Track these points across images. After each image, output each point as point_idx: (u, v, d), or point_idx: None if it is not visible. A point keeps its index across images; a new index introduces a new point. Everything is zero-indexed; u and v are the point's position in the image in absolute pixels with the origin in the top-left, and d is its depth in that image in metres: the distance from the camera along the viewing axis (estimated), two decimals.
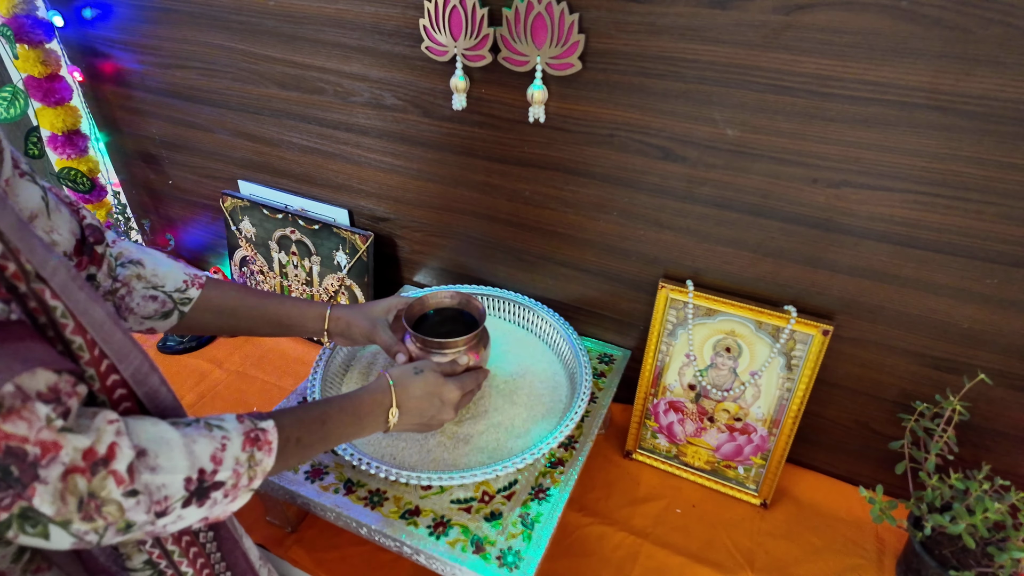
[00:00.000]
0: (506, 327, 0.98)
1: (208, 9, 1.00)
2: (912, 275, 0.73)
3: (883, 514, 0.72)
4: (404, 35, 0.86)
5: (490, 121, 0.88)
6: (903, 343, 0.78)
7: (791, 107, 0.69)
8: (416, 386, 0.68)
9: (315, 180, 1.11)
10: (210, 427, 0.47)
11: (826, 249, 0.76)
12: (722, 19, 0.67)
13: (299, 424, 0.56)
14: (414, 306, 0.81)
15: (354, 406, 0.63)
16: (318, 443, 0.58)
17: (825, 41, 0.64)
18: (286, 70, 1.00)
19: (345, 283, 1.11)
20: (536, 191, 0.91)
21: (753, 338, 0.81)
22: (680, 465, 0.93)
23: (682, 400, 0.89)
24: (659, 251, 0.87)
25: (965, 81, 0.61)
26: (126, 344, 0.44)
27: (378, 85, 0.93)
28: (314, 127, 1.04)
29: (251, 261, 1.20)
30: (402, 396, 0.66)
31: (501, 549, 0.67)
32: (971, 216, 0.67)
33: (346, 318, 0.78)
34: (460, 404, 0.72)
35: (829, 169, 0.71)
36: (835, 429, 0.89)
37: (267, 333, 0.77)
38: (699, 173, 0.78)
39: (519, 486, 0.74)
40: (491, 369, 0.87)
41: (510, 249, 1.00)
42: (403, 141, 0.97)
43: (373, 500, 0.72)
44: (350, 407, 0.63)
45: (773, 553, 0.82)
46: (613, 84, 0.77)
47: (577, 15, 0.73)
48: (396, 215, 1.07)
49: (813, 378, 0.79)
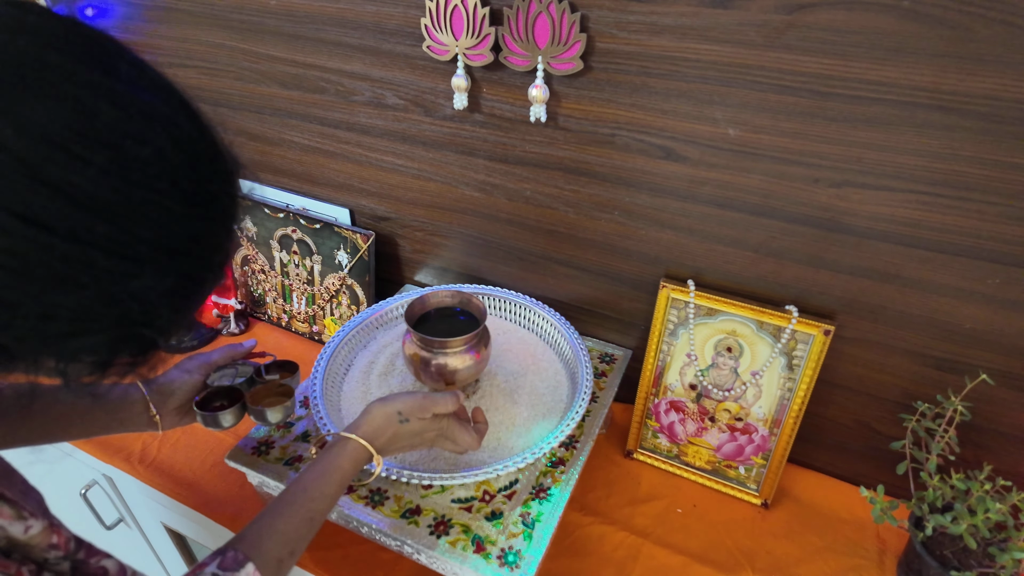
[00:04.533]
0: (507, 326, 0.98)
1: (209, 8, 1.00)
2: (914, 275, 0.73)
3: (884, 514, 0.72)
4: (405, 34, 0.86)
5: (491, 120, 0.88)
6: (905, 343, 0.78)
7: (793, 107, 0.69)
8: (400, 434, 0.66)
9: (316, 179, 1.11)
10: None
11: (828, 249, 0.76)
12: (724, 18, 0.67)
13: (281, 539, 0.54)
14: (414, 305, 0.81)
15: (338, 478, 0.61)
16: (308, 535, 0.57)
17: (827, 40, 0.64)
18: (287, 69, 1.00)
19: (346, 282, 1.11)
20: (537, 190, 0.91)
21: (754, 338, 0.81)
22: (681, 465, 0.93)
23: (683, 400, 0.89)
24: (660, 251, 0.87)
25: (967, 81, 0.61)
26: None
27: (379, 84, 0.93)
28: (315, 126, 1.04)
29: (252, 260, 1.20)
30: (384, 444, 0.65)
31: (502, 548, 0.67)
32: (973, 216, 0.67)
33: (160, 381, 0.71)
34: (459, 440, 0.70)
35: (831, 169, 0.71)
36: (836, 429, 0.89)
37: (79, 430, 0.67)
38: (701, 173, 0.78)
39: (520, 485, 0.74)
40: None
41: (511, 248, 1.00)
42: (404, 140, 0.97)
43: (374, 499, 0.72)
44: (333, 480, 0.60)
45: (774, 553, 0.82)
46: (615, 84, 0.77)
47: (579, 15, 0.73)
48: (397, 214, 1.07)
49: (814, 378, 0.79)
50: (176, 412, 0.72)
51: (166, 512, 0.99)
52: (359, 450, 0.63)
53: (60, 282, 0.33)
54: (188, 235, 0.38)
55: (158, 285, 0.37)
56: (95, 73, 0.34)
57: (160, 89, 0.37)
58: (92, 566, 0.44)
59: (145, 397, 0.70)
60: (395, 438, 0.66)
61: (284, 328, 1.22)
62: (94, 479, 1.05)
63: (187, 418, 0.73)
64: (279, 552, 0.54)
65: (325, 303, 1.15)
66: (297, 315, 1.20)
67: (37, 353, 0.36)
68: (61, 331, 0.35)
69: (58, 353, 0.37)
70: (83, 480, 1.05)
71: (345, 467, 0.62)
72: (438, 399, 0.67)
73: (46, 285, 0.33)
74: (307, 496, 0.58)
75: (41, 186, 0.31)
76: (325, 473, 0.61)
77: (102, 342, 0.37)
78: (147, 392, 0.70)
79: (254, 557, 0.52)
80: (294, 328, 1.21)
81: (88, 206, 0.33)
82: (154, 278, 0.37)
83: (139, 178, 0.34)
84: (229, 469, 0.81)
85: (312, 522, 0.58)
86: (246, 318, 1.24)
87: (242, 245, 1.19)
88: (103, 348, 0.38)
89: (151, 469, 0.92)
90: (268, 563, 0.53)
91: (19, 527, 0.40)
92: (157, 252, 0.36)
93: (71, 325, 0.35)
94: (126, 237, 0.34)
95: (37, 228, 0.32)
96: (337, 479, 0.61)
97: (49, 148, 0.31)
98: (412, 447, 0.68)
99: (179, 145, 0.36)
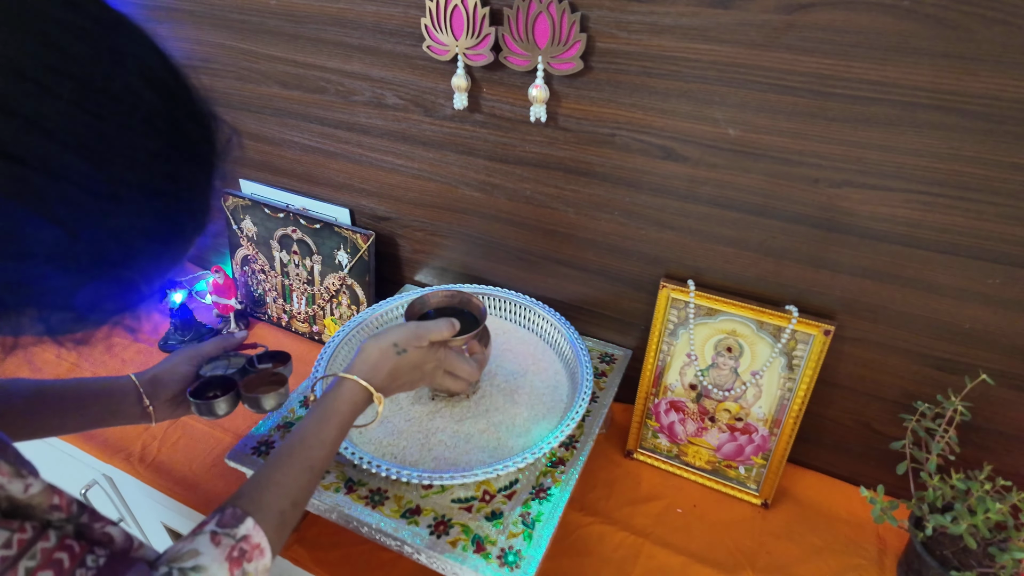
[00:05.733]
0: (507, 326, 0.98)
1: (210, 8, 1.00)
2: (914, 275, 0.73)
3: (884, 514, 0.72)
4: (405, 34, 0.86)
5: (491, 120, 0.88)
6: (905, 343, 0.78)
7: (793, 107, 0.69)
8: (400, 367, 0.64)
9: (317, 179, 1.11)
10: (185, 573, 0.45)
11: (828, 249, 0.76)
12: (724, 18, 0.67)
13: (281, 491, 0.54)
14: (414, 305, 0.81)
15: (336, 422, 0.60)
16: (310, 485, 0.56)
17: (827, 40, 0.64)
18: (287, 69, 1.00)
19: (346, 282, 1.11)
20: (537, 190, 0.91)
21: (754, 338, 0.81)
22: (681, 465, 0.93)
23: (683, 400, 0.89)
24: (660, 251, 0.87)
25: (967, 81, 0.61)
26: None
27: (379, 84, 0.93)
28: (315, 126, 1.04)
29: (252, 260, 1.20)
30: (384, 382, 0.63)
31: (502, 548, 0.67)
32: (973, 216, 0.67)
33: (153, 371, 0.71)
34: (460, 372, 0.68)
35: (831, 169, 0.71)
36: (836, 429, 0.89)
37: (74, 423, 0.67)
38: (701, 173, 0.78)
39: (520, 485, 0.74)
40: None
41: (511, 248, 1.00)
42: (405, 140, 0.97)
43: (374, 499, 0.72)
44: (332, 425, 0.59)
45: (774, 553, 0.82)
46: (615, 83, 0.77)
47: (579, 15, 0.73)
48: (397, 214, 1.07)
49: (814, 378, 0.79)
50: (169, 403, 0.72)
51: (166, 512, 0.99)
52: (357, 391, 0.61)
53: (35, 216, 0.33)
54: (165, 175, 0.38)
55: (136, 224, 0.37)
56: (62, 10, 0.34)
57: (129, 30, 0.38)
58: (97, 531, 0.43)
59: (138, 388, 0.69)
60: (395, 373, 0.64)
61: (284, 328, 1.22)
62: (94, 479, 1.05)
63: (180, 409, 0.73)
64: (280, 504, 0.53)
65: (325, 303, 1.15)
66: (297, 315, 1.20)
67: (15, 297, 0.36)
68: (39, 272, 0.35)
69: (37, 297, 0.36)
70: (83, 480, 1.05)
71: (343, 410, 0.60)
72: (431, 326, 0.66)
73: (21, 219, 0.33)
74: (305, 445, 0.58)
75: (11, 117, 0.31)
76: (323, 419, 0.59)
77: (81, 283, 0.37)
78: (140, 383, 0.69)
79: (253, 511, 0.51)
80: (294, 328, 1.21)
81: (61, 139, 0.33)
82: (131, 217, 0.36)
83: (111, 113, 0.34)
84: (229, 469, 0.81)
85: (312, 471, 0.57)
86: (246, 318, 1.24)
87: (242, 245, 1.19)
88: (83, 292, 0.37)
89: (151, 469, 0.92)
90: (269, 516, 0.52)
91: (19, 485, 0.39)
92: (133, 190, 0.36)
93: (48, 264, 0.35)
94: (101, 173, 0.34)
95: (9, 160, 0.32)
96: (336, 423, 0.59)
97: (18, 80, 0.31)
98: (412, 384, 0.66)
99: (152, 84, 0.37)
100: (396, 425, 0.79)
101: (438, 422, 0.80)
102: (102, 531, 0.44)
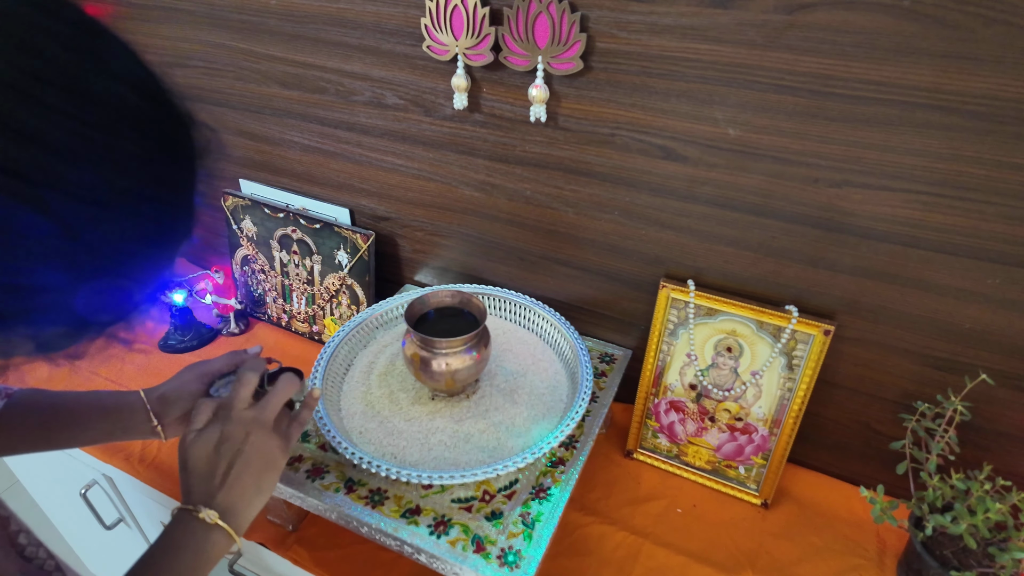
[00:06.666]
0: (507, 326, 0.98)
1: (209, 8, 1.00)
2: (914, 275, 0.73)
3: (884, 514, 0.72)
4: (405, 34, 0.86)
5: (491, 120, 0.88)
6: (905, 343, 0.78)
7: (793, 107, 0.69)
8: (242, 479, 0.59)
9: (316, 179, 1.11)
10: None
11: (828, 249, 0.76)
12: (724, 18, 0.67)
13: None
14: (414, 305, 0.81)
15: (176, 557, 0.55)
16: None
17: (827, 40, 0.64)
18: (287, 69, 1.00)
19: (346, 282, 1.11)
20: (537, 190, 0.91)
21: (754, 338, 0.81)
22: (681, 465, 0.93)
23: (683, 400, 0.89)
24: (660, 251, 0.87)
25: (967, 81, 0.61)
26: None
27: (379, 84, 0.93)
28: (315, 126, 1.04)
29: (252, 260, 1.20)
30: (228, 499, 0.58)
31: (502, 548, 0.67)
32: (973, 216, 0.67)
33: (163, 389, 0.70)
34: (283, 433, 0.64)
35: (831, 169, 0.71)
36: (836, 429, 0.89)
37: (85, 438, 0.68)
38: (700, 173, 0.78)
39: (520, 485, 0.74)
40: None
41: (511, 248, 1.00)
42: (404, 140, 0.97)
43: (374, 499, 0.72)
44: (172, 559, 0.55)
45: (774, 553, 0.82)
46: (615, 83, 0.77)
47: (579, 15, 0.73)
48: (397, 214, 1.07)
49: (814, 378, 0.79)
50: (179, 421, 0.70)
51: (166, 512, 0.99)
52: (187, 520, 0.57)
53: (24, 227, 0.33)
54: (152, 178, 0.38)
55: (127, 228, 0.37)
56: (42, 17, 0.34)
57: (107, 36, 0.37)
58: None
59: (147, 407, 0.68)
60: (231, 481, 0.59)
61: (284, 328, 1.22)
62: (94, 479, 1.05)
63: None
64: None
65: (325, 303, 1.15)
66: (297, 315, 1.20)
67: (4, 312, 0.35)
68: (29, 283, 0.34)
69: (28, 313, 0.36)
70: (83, 480, 1.05)
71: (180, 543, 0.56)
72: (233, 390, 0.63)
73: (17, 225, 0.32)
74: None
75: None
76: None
77: (76, 290, 0.36)
78: (148, 401, 0.69)
79: None
80: (294, 328, 1.21)
81: (47, 148, 0.32)
82: (122, 222, 0.36)
83: (96, 119, 0.34)
84: None
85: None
86: (246, 318, 1.24)
87: (242, 245, 1.19)
88: (79, 300, 0.37)
89: (151, 469, 0.92)
90: None
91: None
92: (123, 194, 0.36)
93: (45, 270, 0.34)
94: (89, 179, 0.34)
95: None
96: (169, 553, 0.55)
97: (2, 88, 0.31)
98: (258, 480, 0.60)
99: (134, 88, 0.36)
100: (396, 425, 0.79)
101: (438, 422, 0.80)
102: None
